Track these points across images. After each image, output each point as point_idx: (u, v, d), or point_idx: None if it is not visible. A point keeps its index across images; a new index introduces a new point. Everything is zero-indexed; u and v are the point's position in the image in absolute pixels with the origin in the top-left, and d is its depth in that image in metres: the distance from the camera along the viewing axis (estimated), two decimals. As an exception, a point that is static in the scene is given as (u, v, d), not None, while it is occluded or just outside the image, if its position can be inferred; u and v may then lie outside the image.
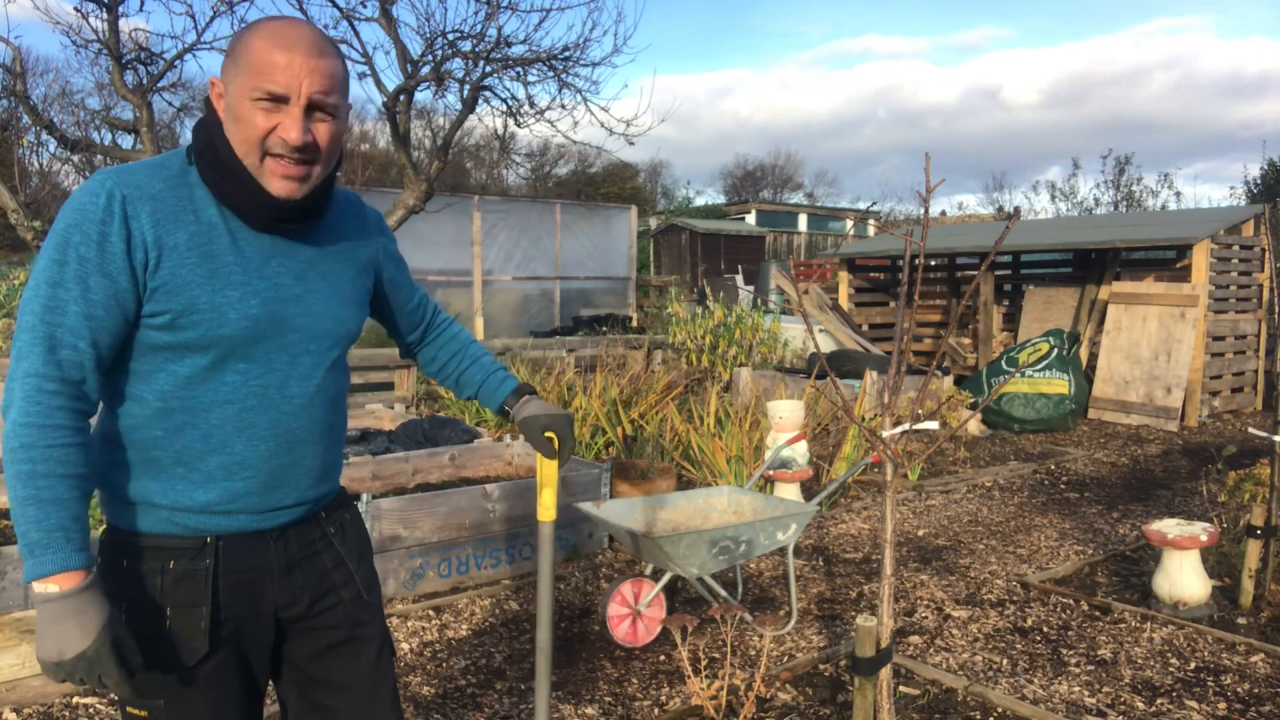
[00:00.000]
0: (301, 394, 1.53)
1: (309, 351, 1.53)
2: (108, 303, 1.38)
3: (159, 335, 1.43)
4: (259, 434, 1.49)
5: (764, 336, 9.53)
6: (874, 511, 5.55)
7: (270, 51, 1.38)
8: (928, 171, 2.18)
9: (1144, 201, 23.65)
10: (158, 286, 1.40)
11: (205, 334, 1.42)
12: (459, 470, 5.14)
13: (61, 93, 15.30)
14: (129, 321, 1.42)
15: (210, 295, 1.42)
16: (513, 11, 6.77)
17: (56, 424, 1.37)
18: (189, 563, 1.48)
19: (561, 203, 14.62)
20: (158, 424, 1.45)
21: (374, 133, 24.36)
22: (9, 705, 2.98)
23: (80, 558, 1.36)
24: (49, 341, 1.37)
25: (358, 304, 1.64)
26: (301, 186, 1.45)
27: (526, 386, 1.91)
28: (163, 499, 1.47)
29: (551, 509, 1.94)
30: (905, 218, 27.89)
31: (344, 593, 1.65)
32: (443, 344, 1.93)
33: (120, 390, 1.47)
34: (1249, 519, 3.90)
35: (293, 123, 1.39)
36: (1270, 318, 9.73)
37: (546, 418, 1.84)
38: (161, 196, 1.42)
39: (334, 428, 1.62)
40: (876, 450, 2.15)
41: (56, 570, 1.34)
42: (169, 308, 1.41)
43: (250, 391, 1.48)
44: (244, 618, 1.53)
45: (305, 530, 1.61)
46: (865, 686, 2.16)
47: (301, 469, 1.56)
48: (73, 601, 1.34)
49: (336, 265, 1.59)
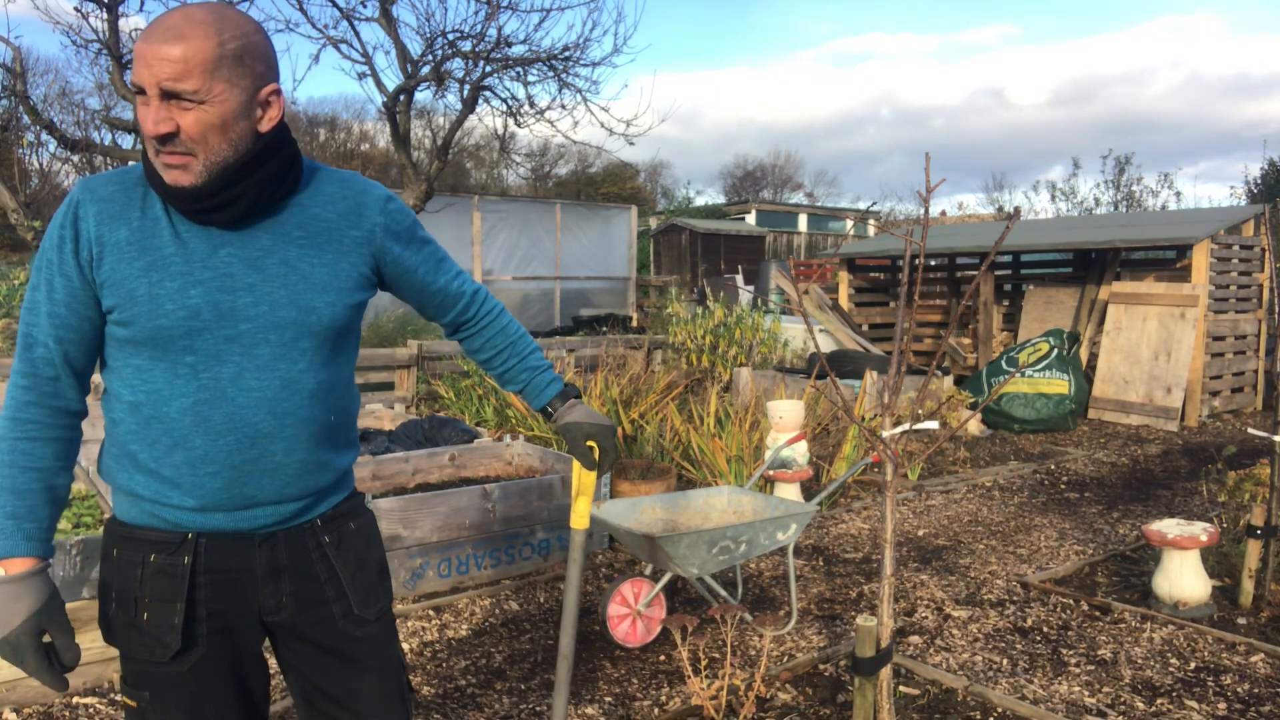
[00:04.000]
0: (261, 386, 1.48)
1: (266, 341, 1.48)
2: (69, 301, 1.46)
3: (116, 330, 1.48)
4: (216, 428, 1.47)
5: (764, 336, 9.53)
6: (874, 511, 5.55)
7: (138, 43, 1.40)
8: (928, 171, 2.18)
9: (1144, 201, 23.65)
10: (103, 282, 1.45)
11: (145, 326, 1.44)
12: (459, 470, 5.14)
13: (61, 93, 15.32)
14: (93, 320, 1.48)
15: (148, 287, 1.44)
16: (513, 11, 6.78)
17: (25, 419, 1.46)
18: (167, 557, 1.49)
19: (561, 203, 14.62)
20: (132, 418, 1.49)
21: (374, 133, 24.38)
22: (9, 705, 2.98)
23: (27, 546, 1.42)
24: (25, 340, 1.48)
25: (338, 290, 1.55)
26: (186, 175, 1.40)
27: (573, 389, 1.87)
28: (145, 491, 1.50)
29: (585, 517, 1.91)
30: (905, 218, 27.89)
31: (335, 607, 1.60)
32: (491, 335, 1.84)
33: (108, 387, 1.53)
34: (1249, 519, 3.90)
35: (149, 113, 1.38)
36: (1270, 318, 9.73)
37: (591, 426, 1.82)
38: (111, 197, 1.47)
39: (316, 422, 1.55)
40: (876, 450, 2.15)
41: (2, 555, 1.42)
42: (114, 302, 1.45)
43: (202, 384, 1.46)
44: (229, 616, 1.53)
45: (297, 537, 1.57)
46: (865, 686, 2.16)
47: (270, 465, 1.50)
48: (11, 587, 1.41)
49: (305, 251, 1.52)
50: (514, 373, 1.86)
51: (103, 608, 1.53)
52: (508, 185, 26.41)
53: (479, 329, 1.84)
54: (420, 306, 1.78)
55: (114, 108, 9.77)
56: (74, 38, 7.13)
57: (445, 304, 1.78)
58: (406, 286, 1.71)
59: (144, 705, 1.52)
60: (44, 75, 17.59)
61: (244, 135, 1.43)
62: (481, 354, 1.86)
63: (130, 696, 1.53)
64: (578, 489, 1.88)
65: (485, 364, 1.88)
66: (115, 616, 1.51)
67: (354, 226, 1.59)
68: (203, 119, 1.38)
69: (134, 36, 7.41)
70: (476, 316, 1.83)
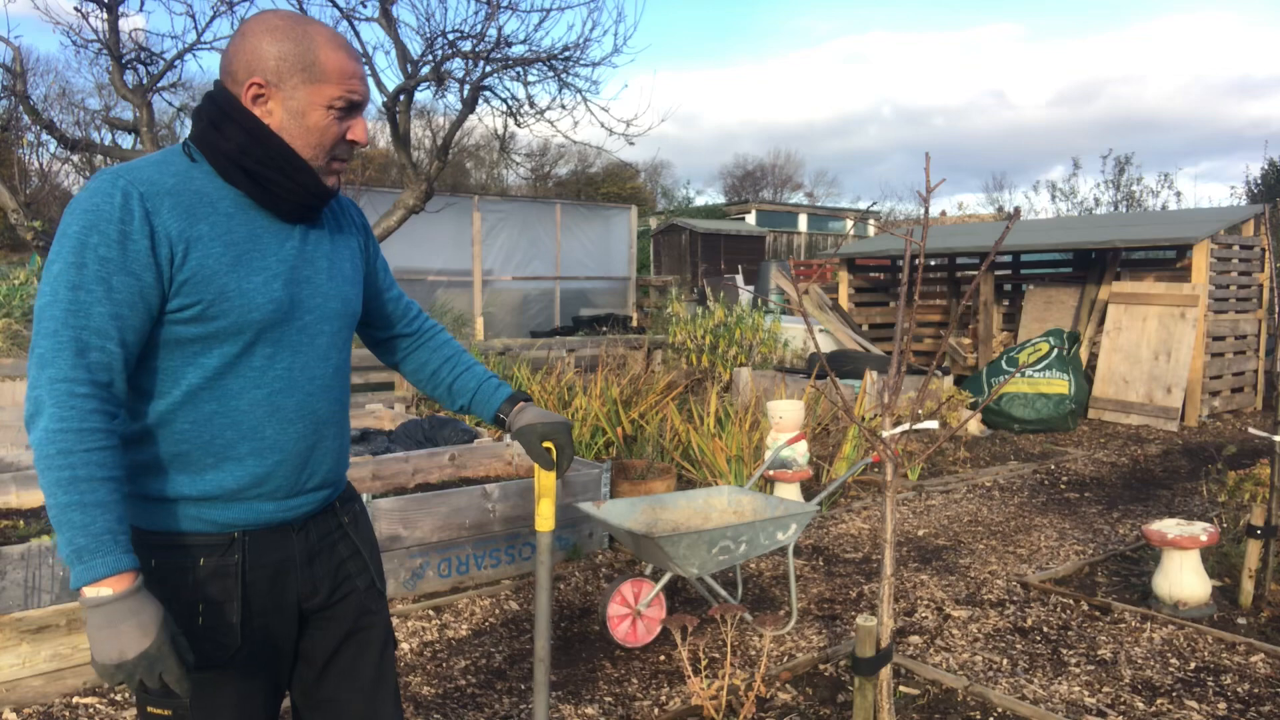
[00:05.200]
0: (322, 374, 1.57)
1: (323, 332, 1.57)
2: (133, 300, 1.39)
3: (186, 329, 1.44)
4: (288, 416, 1.52)
5: (764, 336, 9.53)
6: (874, 511, 5.55)
7: (344, 61, 1.48)
8: (928, 171, 2.18)
9: (1144, 201, 23.66)
10: (186, 279, 1.42)
11: (236, 320, 1.45)
12: (459, 470, 5.14)
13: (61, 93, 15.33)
14: (153, 319, 1.43)
15: (238, 282, 1.45)
16: (513, 11, 6.77)
17: (92, 427, 1.36)
18: (219, 559, 1.50)
19: (561, 203, 14.61)
20: (184, 417, 1.46)
21: (374, 133, 24.35)
22: (9, 705, 2.98)
23: (129, 559, 1.35)
24: (76, 345, 1.36)
25: (358, 283, 1.68)
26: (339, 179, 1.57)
27: (522, 394, 1.86)
28: (191, 490, 1.47)
29: (550, 519, 1.87)
30: (905, 218, 27.89)
31: (358, 581, 1.68)
32: (433, 349, 1.87)
33: (143, 389, 1.46)
34: (1249, 519, 3.90)
35: (364, 127, 1.50)
36: (1270, 318, 9.73)
37: (544, 426, 1.78)
38: (177, 190, 1.43)
39: (347, 407, 1.67)
40: (876, 450, 2.15)
41: (109, 574, 1.32)
42: (199, 298, 1.42)
43: (277, 375, 1.51)
44: (270, 612, 1.55)
45: (323, 521, 1.64)
46: (865, 686, 2.16)
47: (326, 449, 1.59)
48: (128, 603, 1.34)
49: (337, 246, 1.63)
50: (461, 382, 1.86)
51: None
52: (508, 185, 26.42)
53: (423, 341, 1.88)
54: (370, 314, 1.81)
55: (114, 108, 9.78)
56: (74, 38, 7.13)
57: (395, 313, 1.84)
58: (369, 289, 1.78)
59: (181, 712, 1.48)
60: (44, 75, 17.61)
61: None
62: (426, 368, 1.87)
63: (161, 705, 1.48)
64: (539, 490, 1.84)
65: (430, 379, 1.87)
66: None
67: (351, 225, 1.71)
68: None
69: (134, 37, 7.41)
70: (420, 331, 1.88)
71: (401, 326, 1.86)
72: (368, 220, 1.81)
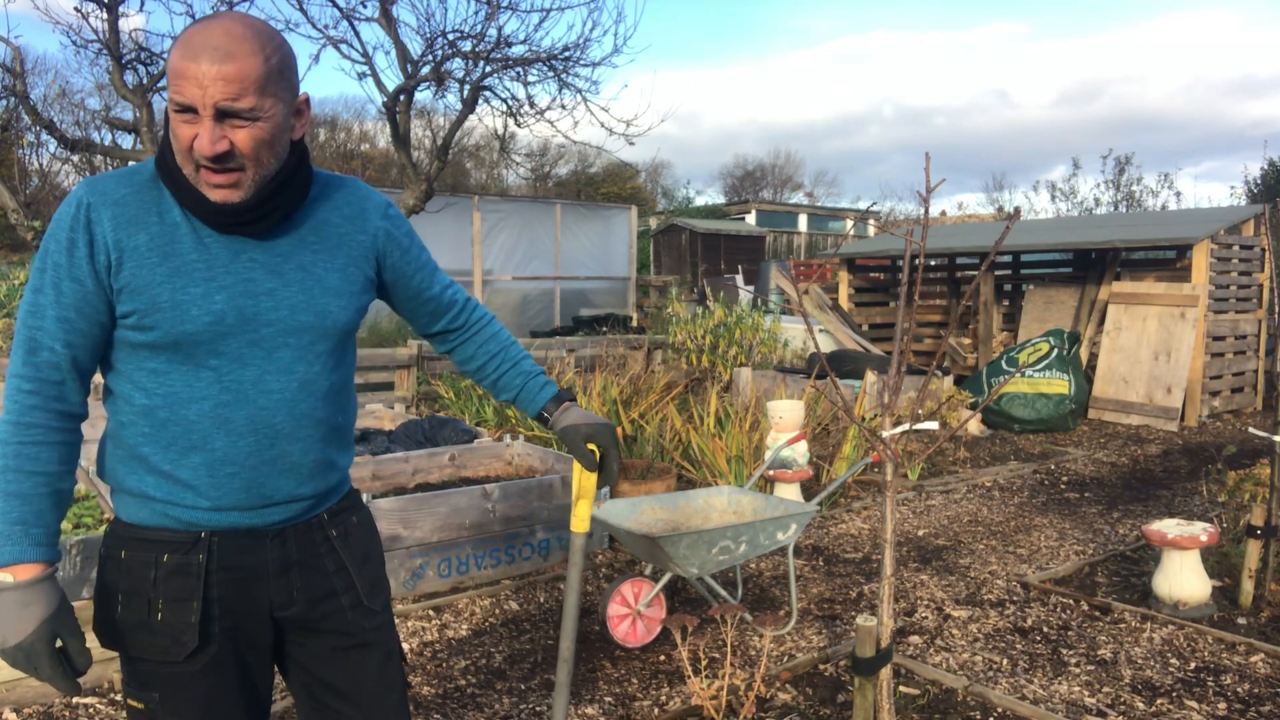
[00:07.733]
0: (282, 388, 1.51)
1: (286, 345, 1.52)
2: (79, 305, 1.44)
3: (132, 335, 1.47)
4: (237, 429, 1.49)
5: (764, 336, 9.53)
6: (874, 511, 5.55)
7: (179, 61, 1.36)
8: (928, 171, 2.18)
9: (1144, 201, 23.67)
10: (122, 287, 1.44)
11: (169, 332, 1.44)
12: (459, 470, 5.14)
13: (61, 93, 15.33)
14: (103, 324, 1.47)
15: (171, 294, 1.44)
16: (513, 11, 6.78)
17: (29, 422, 1.43)
18: (182, 556, 1.50)
19: (561, 203, 14.61)
20: (145, 421, 1.49)
21: (374, 133, 24.37)
22: (9, 705, 2.98)
23: (37, 551, 1.41)
24: (29, 344, 1.44)
25: (349, 294, 1.59)
26: (236, 192, 1.41)
27: (567, 393, 1.85)
28: (157, 492, 1.50)
29: (585, 520, 1.87)
30: (905, 218, 27.89)
31: (344, 599, 1.63)
32: (480, 343, 1.85)
33: (114, 389, 1.52)
34: (1249, 519, 3.90)
35: (204, 133, 1.36)
36: (1270, 318, 9.73)
37: (588, 427, 1.80)
38: (125, 200, 1.45)
39: (328, 423, 1.59)
40: (876, 450, 2.15)
41: (11, 561, 1.39)
42: (134, 307, 1.44)
43: (224, 387, 1.48)
44: (240, 614, 1.54)
45: (306, 532, 1.60)
46: (865, 686, 2.16)
47: (287, 465, 1.54)
48: (22, 593, 1.39)
49: (319, 256, 1.55)
50: (507, 379, 1.85)
51: (104, 610, 1.52)
52: (508, 185, 26.42)
53: (470, 335, 1.85)
54: (412, 314, 1.79)
55: (114, 108, 9.78)
56: (74, 38, 7.14)
57: (438, 311, 1.80)
58: (402, 292, 1.73)
59: (153, 706, 1.52)
60: (44, 75, 17.61)
61: (286, 147, 1.47)
62: (474, 361, 1.86)
63: (137, 699, 1.53)
64: (578, 492, 1.86)
65: (478, 372, 1.86)
66: (123, 618, 1.50)
67: (360, 231, 1.62)
68: (256, 136, 1.39)
69: (134, 37, 7.41)
70: (468, 324, 1.85)
71: (447, 322, 1.82)
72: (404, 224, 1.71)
